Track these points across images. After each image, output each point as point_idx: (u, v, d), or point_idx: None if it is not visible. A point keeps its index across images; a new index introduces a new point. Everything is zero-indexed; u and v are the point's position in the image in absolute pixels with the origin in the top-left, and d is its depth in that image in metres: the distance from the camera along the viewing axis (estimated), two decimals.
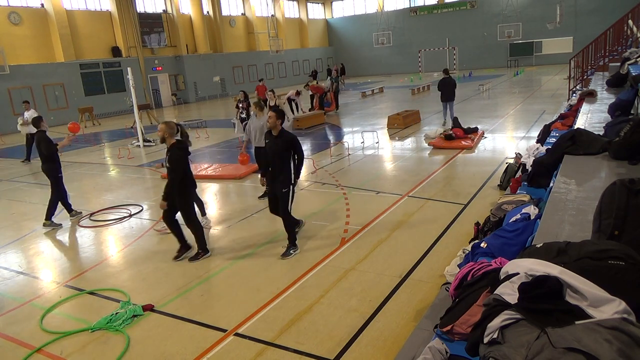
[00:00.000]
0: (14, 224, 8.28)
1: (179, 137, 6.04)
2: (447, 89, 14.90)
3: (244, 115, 13.81)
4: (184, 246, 6.19)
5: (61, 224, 7.98)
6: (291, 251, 5.94)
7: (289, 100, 19.31)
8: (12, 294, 5.58)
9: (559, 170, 4.32)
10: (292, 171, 5.91)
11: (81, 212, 8.39)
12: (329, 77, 22.53)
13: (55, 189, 7.91)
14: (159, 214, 8.21)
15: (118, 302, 5.09)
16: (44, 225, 7.85)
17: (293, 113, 19.32)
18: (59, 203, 8.00)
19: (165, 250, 6.59)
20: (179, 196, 5.92)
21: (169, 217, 6.02)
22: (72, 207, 8.22)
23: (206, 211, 7.53)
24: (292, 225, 6.10)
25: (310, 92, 20.01)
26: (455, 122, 12.57)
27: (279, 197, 5.94)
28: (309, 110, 19.44)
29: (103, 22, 28.25)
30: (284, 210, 5.92)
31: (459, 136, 11.79)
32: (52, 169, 7.84)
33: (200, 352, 4.10)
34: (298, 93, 18.96)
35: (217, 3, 34.72)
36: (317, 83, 20.43)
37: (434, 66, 41.57)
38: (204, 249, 6.11)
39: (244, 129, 13.76)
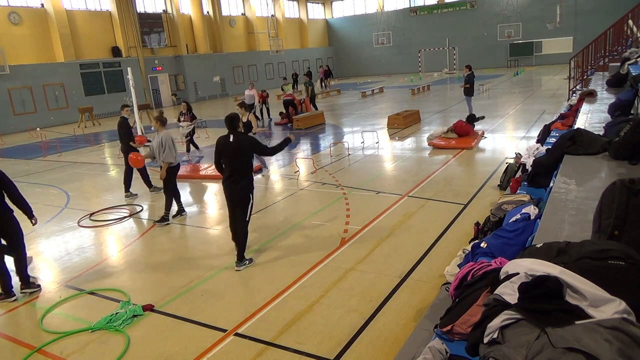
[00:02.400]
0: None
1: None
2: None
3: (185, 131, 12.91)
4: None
5: (137, 194, 9.43)
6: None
7: (263, 100, 19.43)
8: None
9: (559, 170, 4.32)
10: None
11: (137, 195, 9.44)
12: (299, 83, 22.40)
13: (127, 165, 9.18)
14: (159, 213, 8.23)
15: (118, 302, 5.09)
16: (126, 197, 9.28)
17: (262, 117, 19.19)
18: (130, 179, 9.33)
19: (165, 250, 6.60)
20: None
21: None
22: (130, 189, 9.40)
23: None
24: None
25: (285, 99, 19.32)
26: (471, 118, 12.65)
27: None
28: (282, 119, 18.74)
29: (103, 22, 28.26)
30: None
31: (461, 133, 11.93)
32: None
33: (200, 352, 4.10)
34: (266, 96, 18.91)
35: (217, 3, 34.72)
36: (295, 90, 20.20)
37: (434, 66, 41.61)
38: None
39: (189, 146, 13.08)
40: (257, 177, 9.57)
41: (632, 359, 1.47)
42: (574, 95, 12.38)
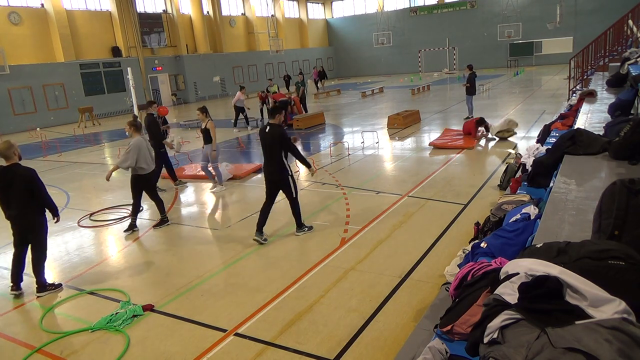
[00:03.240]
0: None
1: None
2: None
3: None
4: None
5: (187, 183, 10.02)
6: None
7: (263, 100, 19.05)
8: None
9: (559, 170, 4.32)
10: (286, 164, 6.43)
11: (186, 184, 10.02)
12: (291, 85, 22.18)
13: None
14: (159, 214, 8.22)
15: (118, 302, 5.09)
16: (175, 185, 9.85)
17: (262, 117, 18.88)
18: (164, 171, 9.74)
19: (165, 250, 6.60)
20: None
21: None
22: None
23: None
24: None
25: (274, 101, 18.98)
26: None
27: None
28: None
29: (103, 22, 28.26)
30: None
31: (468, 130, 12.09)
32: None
33: (200, 352, 4.10)
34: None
35: (217, 3, 34.73)
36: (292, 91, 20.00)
37: (434, 66, 41.62)
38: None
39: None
40: (215, 189, 9.28)
41: (632, 359, 1.47)
42: (574, 95, 12.38)
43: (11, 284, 5.51)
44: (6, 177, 5.21)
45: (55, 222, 5.68)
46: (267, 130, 6.39)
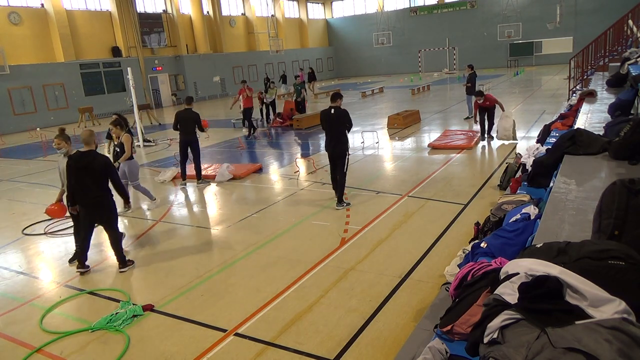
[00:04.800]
0: (14, 224, 8.27)
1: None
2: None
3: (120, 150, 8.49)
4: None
5: (209, 182, 9.87)
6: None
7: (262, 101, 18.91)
8: (12, 294, 5.58)
9: (559, 170, 4.32)
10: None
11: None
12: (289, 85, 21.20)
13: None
14: (159, 214, 8.22)
15: (118, 302, 5.09)
16: (198, 183, 9.76)
17: (262, 117, 18.69)
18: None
19: (165, 250, 6.59)
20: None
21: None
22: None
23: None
24: None
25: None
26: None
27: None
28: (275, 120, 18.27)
29: (103, 22, 28.26)
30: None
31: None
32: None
33: (200, 352, 4.10)
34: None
35: (217, 3, 34.73)
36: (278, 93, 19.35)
37: (434, 66, 41.62)
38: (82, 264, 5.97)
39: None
40: (150, 205, 8.56)
41: (632, 359, 1.47)
42: (574, 95, 12.37)
43: (77, 264, 5.94)
44: (84, 160, 5.63)
45: (127, 210, 6.24)
46: (332, 112, 7.48)
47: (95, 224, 6.03)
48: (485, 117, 12.01)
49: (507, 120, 11.34)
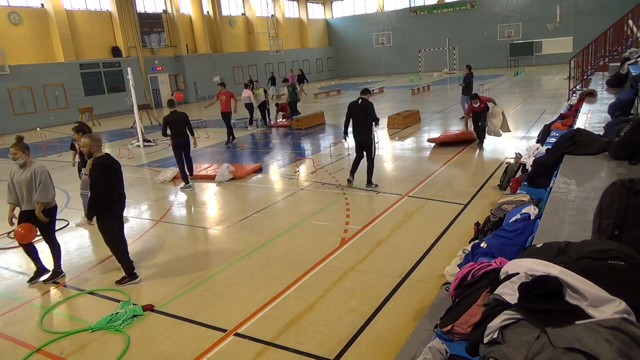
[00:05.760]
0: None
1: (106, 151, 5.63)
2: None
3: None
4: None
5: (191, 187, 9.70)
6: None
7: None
8: (12, 294, 5.58)
9: (559, 170, 4.32)
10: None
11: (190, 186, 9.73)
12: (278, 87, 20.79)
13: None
14: (158, 214, 8.22)
15: (118, 302, 5.09)
16: (186, 187, 9.61)
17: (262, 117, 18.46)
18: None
19: (165, 250, 6.59)
20: (98, 219, 5.43)
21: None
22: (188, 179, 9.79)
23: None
24: None
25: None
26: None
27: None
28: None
29: (103, 22, 28.25)
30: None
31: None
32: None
33: (200, 352, 4.10)
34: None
35: (217, 3, 34.72)
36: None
37: (434, 66, 41.61)
38: (130, 274, 5.62)
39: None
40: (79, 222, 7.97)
41: (632, 359, 1.47)
42: (574, 95, 12.37)
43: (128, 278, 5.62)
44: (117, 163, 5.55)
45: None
46: (359, 102, 8.23)
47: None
48: (479, 123, 11.32)
49: (496, 114, 10.99)
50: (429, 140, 11.88)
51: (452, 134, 11.66)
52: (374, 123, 8.31)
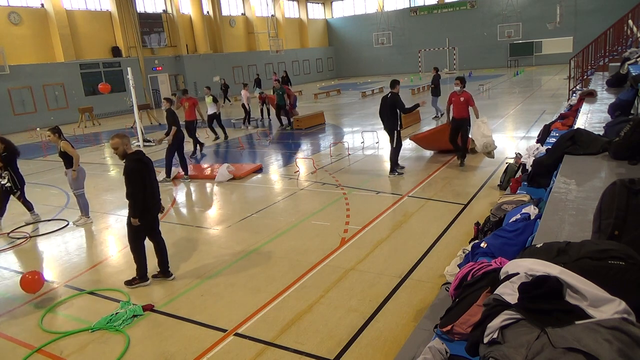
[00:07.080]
0: (13, 224, 8.27)
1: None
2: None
3: (5, 182, 7.86)
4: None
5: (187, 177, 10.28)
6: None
7: (263, 100, 18.67)
8: (12, 294, 5.58)
9: (559, 170, 4.32)
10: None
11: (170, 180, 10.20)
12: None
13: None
14: None
15: (118, 302, 5.09)
16: (167, 180, 10.07)
17: (262, 117, 18.34)
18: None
19: None
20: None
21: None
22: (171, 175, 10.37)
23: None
24: None
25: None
26: None
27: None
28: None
29: (103, 22, 28.25)
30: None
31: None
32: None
33: (200, 352, 4.10)
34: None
35: (217, 3, 34.73)
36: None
37: (433, 66, 41.56)
38: (141, 276, 5.51)
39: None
40: (80, 222, 7.93)
41: (632, 359, 1.47)
42: (574, 95, 12.37)
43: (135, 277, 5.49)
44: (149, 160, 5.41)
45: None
46: (388, 96, 9.09)
47: None
48: (461, 134, 9.48)
49: (484, 126, 9.21)
50: (411, 139, 11.41)
51: (433, 129, 11.42)
52: (399, 114, 9.14)
